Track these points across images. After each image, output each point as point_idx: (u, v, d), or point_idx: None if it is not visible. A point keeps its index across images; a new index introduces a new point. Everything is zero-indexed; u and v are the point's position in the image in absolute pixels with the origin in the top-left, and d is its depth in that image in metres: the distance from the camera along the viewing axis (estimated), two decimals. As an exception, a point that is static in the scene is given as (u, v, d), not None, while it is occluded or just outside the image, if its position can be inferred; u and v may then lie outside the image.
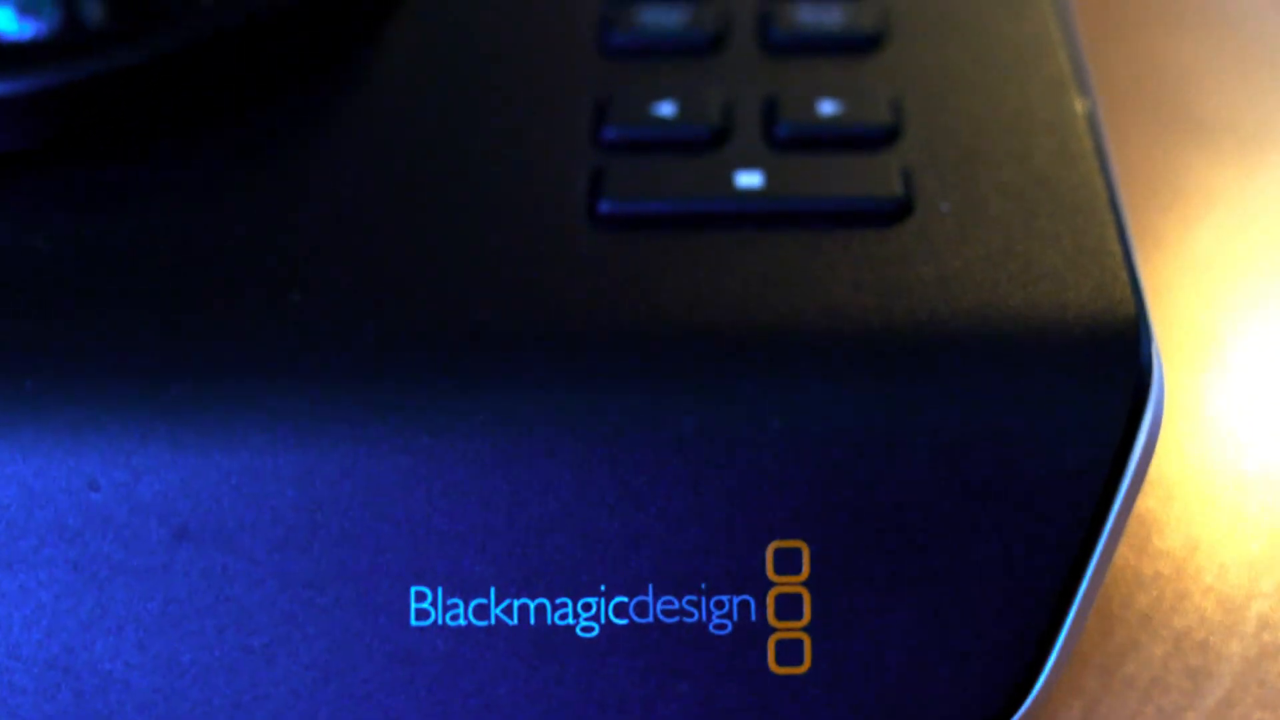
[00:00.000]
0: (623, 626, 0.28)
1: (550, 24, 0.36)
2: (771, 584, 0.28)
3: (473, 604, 0.28)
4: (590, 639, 0.28)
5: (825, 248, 0.30)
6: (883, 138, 0.32)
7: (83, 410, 0.28)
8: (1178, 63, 0.48)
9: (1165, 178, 0.46)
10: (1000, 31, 0.35)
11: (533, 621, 0.28)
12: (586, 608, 0.28)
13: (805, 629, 0.28)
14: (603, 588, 0.28)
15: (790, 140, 0.32)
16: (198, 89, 0.34)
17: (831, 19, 0.35)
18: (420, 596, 0.28)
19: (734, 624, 0.28)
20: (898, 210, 0.30)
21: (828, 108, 0.32)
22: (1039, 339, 0.28)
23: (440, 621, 0.28)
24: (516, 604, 0.28)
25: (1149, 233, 0.43)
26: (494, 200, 0.31)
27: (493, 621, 0.28)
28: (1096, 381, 0.28)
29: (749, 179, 0.31)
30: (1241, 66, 0.48)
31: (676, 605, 0.28)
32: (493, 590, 0.28)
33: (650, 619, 0.28)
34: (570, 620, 0.28)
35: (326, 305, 0.29)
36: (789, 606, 0.28)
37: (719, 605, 0.28)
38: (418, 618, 0.28)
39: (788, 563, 0.28)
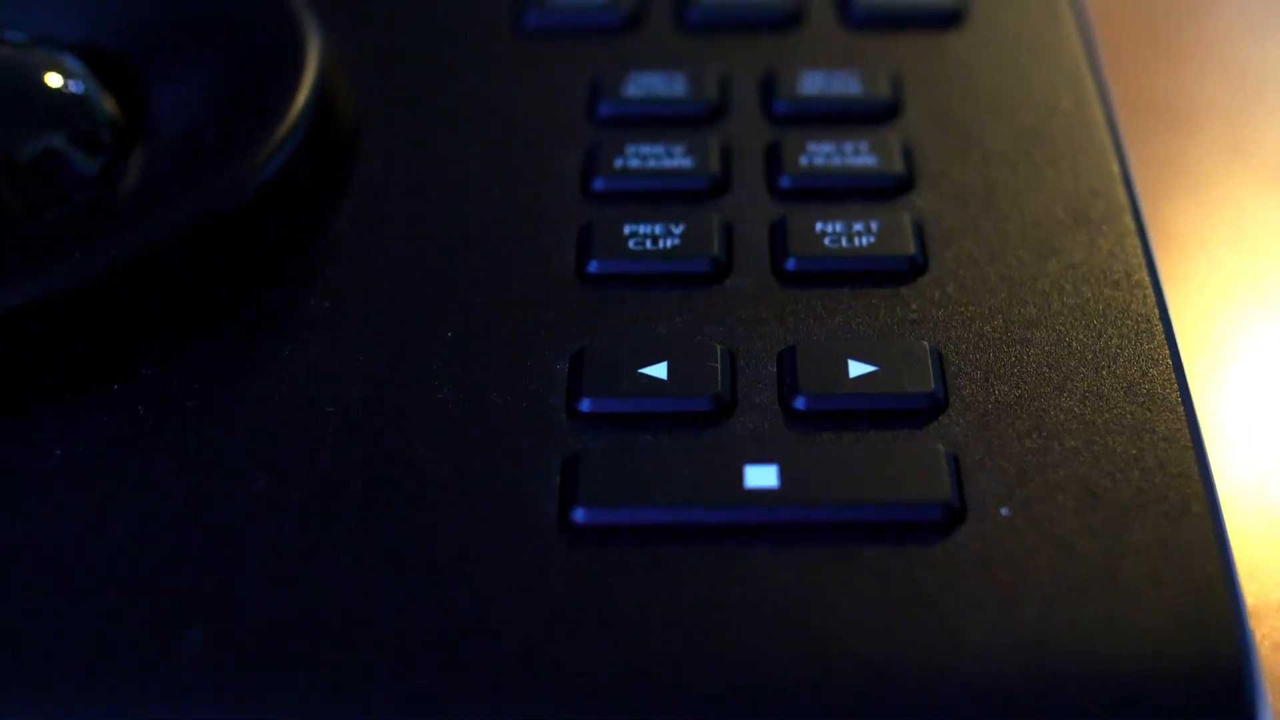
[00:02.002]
0: None
1: (519, 244, 0.30)
2: None
3: None
4: None
5: (856, 573, 0.25)
6: (925, 410, 0.27)
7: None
8: (1242, 218, 0.43)
9: (1228, 339, 0.41)
10: (1068, 250, 0.30)
11: None
12: None
13: None
14: None
15: (811, 415, 0.27)
16: (86, 332, 0.28)
17: (860, 239, 0.30)
18: None
19: None
20: (947, 519, 0.25)
21: (857, 369, 0.27)
22: (1125, 701, 0.23)
23: None
24: None
25: (1207, 392, 0.38)
26: (443, 498, 0.26)
27: None
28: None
29: (761, 476, 0.26)
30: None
31: None
32: None
33: None
34: None
35: (235, 648, 0.24)
36: None
37: None
38: None
39: None
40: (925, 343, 0.28)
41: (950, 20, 0.36)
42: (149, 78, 0.33)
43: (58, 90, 0.32)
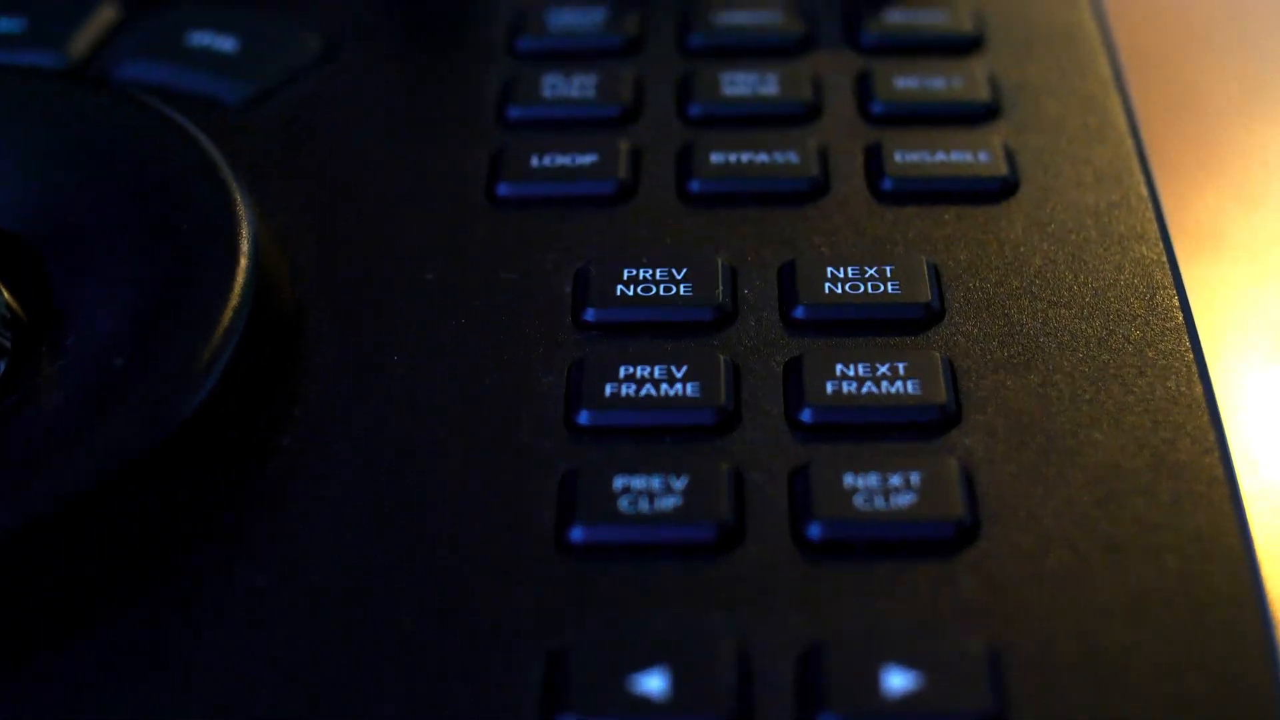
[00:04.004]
0: None
1: (487, 496, 0.27)
2: None
3: None
4: None
5: None
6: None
7: None
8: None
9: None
10: (1147, 510, 0.26)
11: None
12: None
13: None
14: None
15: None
16: None
17: (898, 497, 0.26)
18: None
19: None
20: None
21: (898, 681, 0.24)
22: None
23: None
24: None
25: None
26: None
27: None
28: None
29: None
30: None
31: None
32: None
33: None
34: None
35: None
36: None
37: None
38: None
39: None
40: (980, 643, 0.24)
41: (999, 192, 0.32)
42: (51, 263, 0.30)
43: (-55, 286, 0.29)
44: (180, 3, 0.38)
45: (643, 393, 0.28)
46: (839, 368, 0.28)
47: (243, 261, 0.28)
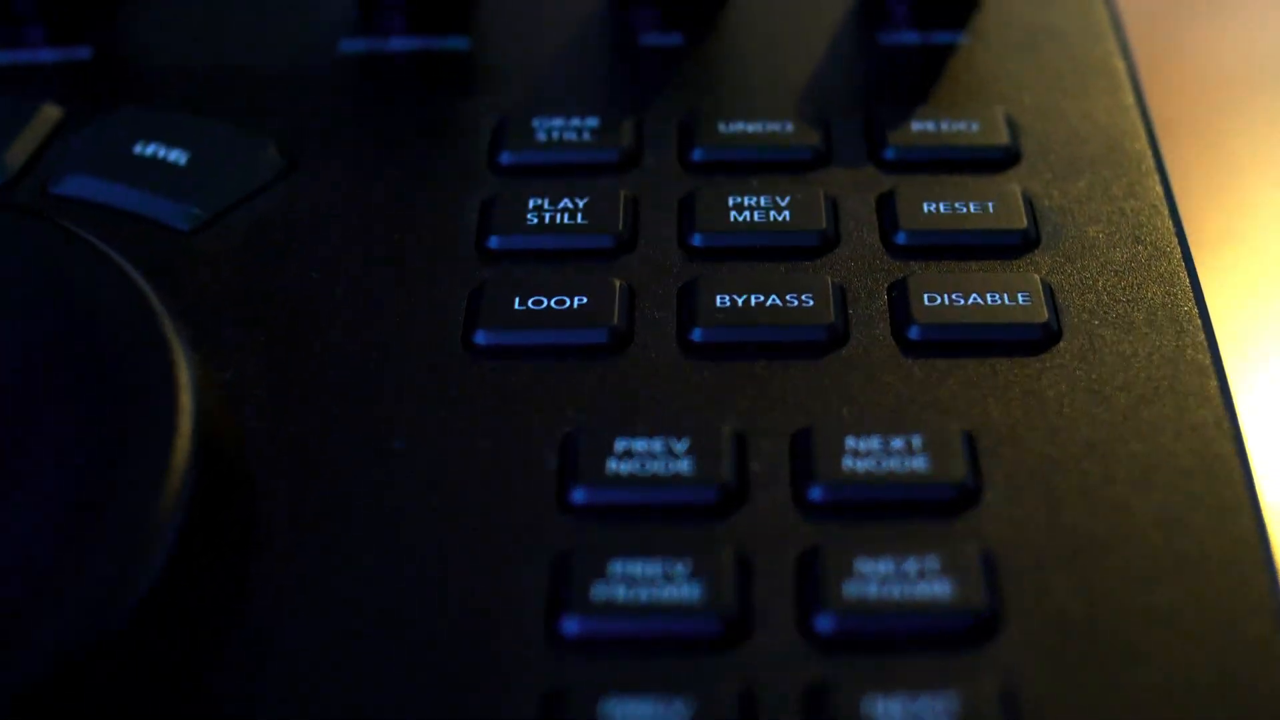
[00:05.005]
0: None
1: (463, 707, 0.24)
2: None
3: None
4: None
5: None
6: None
7: None
8: None
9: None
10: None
11: None
12: None
13: None
14: None
15: None
16: None
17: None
18: None
19: None
20: None
21: None
22: None
23: None
24: None
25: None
26: None
27: None
28: None
29: None
30: None
31: None
32: None
33: None
34: None
35: None
36: None
37: None
38: None
39: None
40: None
41: (1040, 341, 0.29)
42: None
43: None
44: (127, 102, 0.36)
45: (638, 596, 0.25)
46: (859, 565, 0.26)
47: (180, 446, 0.26)
